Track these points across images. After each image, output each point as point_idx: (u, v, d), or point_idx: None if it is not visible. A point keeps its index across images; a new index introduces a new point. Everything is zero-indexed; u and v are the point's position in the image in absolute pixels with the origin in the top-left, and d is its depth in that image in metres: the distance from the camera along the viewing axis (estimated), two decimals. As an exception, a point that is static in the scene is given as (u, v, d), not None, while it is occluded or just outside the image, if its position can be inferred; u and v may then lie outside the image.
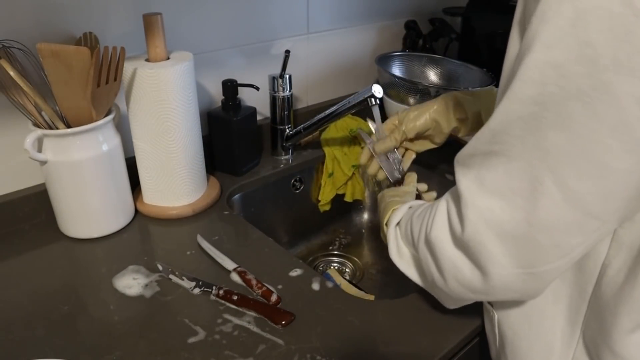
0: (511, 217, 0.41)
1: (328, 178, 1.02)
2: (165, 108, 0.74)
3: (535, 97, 0.37)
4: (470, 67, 1.14)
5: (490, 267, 0.44)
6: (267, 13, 0.97)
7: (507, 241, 0.42)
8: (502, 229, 0.42)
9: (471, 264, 0.46)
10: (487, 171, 0.43)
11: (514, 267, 0.43)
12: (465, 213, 0.44)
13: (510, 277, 0.44)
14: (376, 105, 0.79)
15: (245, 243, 0.76)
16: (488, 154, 0.42)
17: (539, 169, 0.39)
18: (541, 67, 0.37)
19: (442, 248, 0.49)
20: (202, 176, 0.85)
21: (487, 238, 0.43)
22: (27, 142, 0.67)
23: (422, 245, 0.53)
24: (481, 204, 0.43)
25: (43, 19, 0.72)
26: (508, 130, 0.40)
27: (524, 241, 0.42)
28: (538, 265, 0.42)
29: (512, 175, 0.41)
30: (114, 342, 0.58)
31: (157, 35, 0.73)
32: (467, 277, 0.47)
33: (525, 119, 0.39)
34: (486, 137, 0.43)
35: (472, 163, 0.44)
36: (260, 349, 0.57)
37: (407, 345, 0.58)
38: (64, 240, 0.75)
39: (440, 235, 0.49)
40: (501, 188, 0.42)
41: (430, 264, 0.52)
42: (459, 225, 0.46)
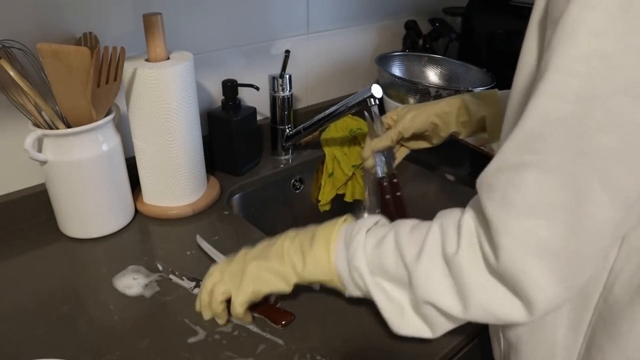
0: (552, 233, 0.38)
1: (328, 178, 1.02)
2: (165, 108, 0.74)
3: (580, 92, 0.34)
4: (470, 67, 1.14)
5: (534, 294, 0.40)
6: (267, 13, 0.97)
7: (549, 259, 0.39)
8: (544, 248, 0.39)
9: (512, 295, 0.42)
10: (515, 190, 0.39)
11: (555, 285, 0.40)
12: (497, 241, 0.40)
13: (553, 297, 0.40)
14: (376, 106, 0.79)
15: (245, 243, 0.76)
16: (516, 169, 0.39)
17: (583, 177, 0.36)
18: (587, 57, 0.34)
19: (476, 276, 0.43)
20: (202, 176, 0.85)
21: (527, 263, 0.39)
22: (27, 142, 0.67)
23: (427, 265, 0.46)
24: (514, 228, 0.39)
25: (43, 19, 0.72)
26: (546, 135, 0.36)
27: (568, 255, 0.39)
28: (580, 276, 0.40)
29: (548, 189, 0.37)
30: (114, 342, 0.58)
31: (157, 35, 0.73)
32: (504, 309, 0.43)
33: (566, 120, 0.35)
34: (519, 143, 0.38)
35: (496, 183, 0.41)
36: (260, 349, 0.57)
37: (407, 345, 0.58)
38: (64, 240, 0.75)
39: (473, 260, 0.44)
40: (536, 205, 0.38)
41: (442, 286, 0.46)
42: (492, 255, 0.42)
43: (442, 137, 0.78)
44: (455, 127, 0.77)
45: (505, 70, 1.10)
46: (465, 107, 0.75)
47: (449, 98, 0.78)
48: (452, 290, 0.46)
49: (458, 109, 0.76)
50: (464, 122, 0.76)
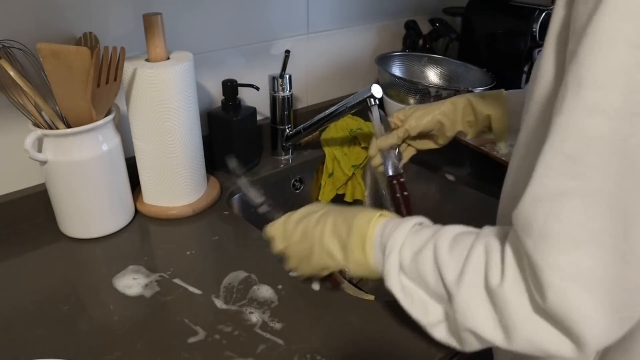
0: (600, 261, 0.35)
1: (328, 178, 1.02)
2: (165, 108, 0.74)
3: (621, 107, 0.32)
4: (470, 67, 1.14)
5: (585, 331, 0.37)
6: (267, 13, 0.97)
7: (600, 291, 0.36)
8: (592, 278, 0.36)
9: (560, 333, 0.39)
10: (556, 222, 0.36)
11: (607, 317, 0.37)
12: (543, 278, 0.37)
13: (605, 330, 0.37)
14: (376, 106, 0.79)
15: (245, 243, 0.76)
16: (556, 198, 0.36)
17: (629, 199, 0.34)
18: (627, 70, 0.32)
19: (521, 312, 0.40)
20: (202, 176, 0.85)
21: (577, 298, 0.36)
22: (27, 142, 0.67)
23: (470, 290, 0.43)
24: (559, 263, 0.36)
25: (43, 19, 0.72)
26: (588, 157, 0.34)
27: (617, 284, 0.36)
28: (634, 306, 0.37)
29: (592, 215, 0.35)
30: (114, 342, 0.58)
31: (157, 35, 0.73)
32: (552, 346, 0.40)
33: (608, 138, 0.33)
34: (558, 167, 0.36)
35: (534, 216, 0.38)
36: (260, 349, 0.57)
37: (407, 345, 0.58)
38: (64, 240, 0.75)
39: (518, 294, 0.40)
40: (580, 235, 0.35)
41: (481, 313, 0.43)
42: (537, 294, 0.39)
43: (449, 136, 0.78)
44: (461, 126, 0.77)
45: (505, 70, 1.11)
46: (471, 106, 0.76)
47: (455, 97, 0.78)
48: (495, 321, 0.43)
49: (464, 108, 0.76)
50: (469, 121, 0.76)
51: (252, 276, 0.68)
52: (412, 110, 0.79)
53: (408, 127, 0.77)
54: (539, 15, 1.05)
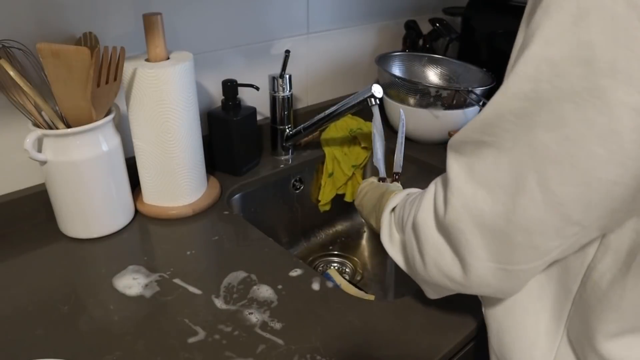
0: (492, 209, 0.41)
1: (328, 178, 1.02)
2: (165, 108, 0.74)
3: (528, 92, 0.37)
4: (470, 67, 1.14)
5: (468, 256, 0.44)
6: (267, 13, 0.97)
7: (486, 233, 0.42)
8: (482, 220, 0.42)
9: (452, 252, 0.46)
10: (477, 159, 0.42)
11: (490, 260, 0.43)
12: (449, 198, 0.44)
13: (486, 269, 0.43)
14: (376, 105, 0.79)
15: (245, 243, 0.76)
16: (479, 143, 0.42)
17: (525, 166, 0.38)
18: (537, 62, 0.36)
19: (426, 231, 0.48)
20: (202, 176, 0.85)
21: (468, 226, 0.43)
22: (27, 142, 0.67)
23: (408, 229, 0.53)
24: (467, 191, 0.43)
25: (43, 19, 0.72)
26: (499, 123, 0.39)
27: (501, 236, 0.41)
28: (514, 263, 0.42)
29: (500, 167, 0.40)
30: (114, 342, 0.58)
31: (157, 35, 0.73)
32: (447, 264, 0.47)
33: (517, 113, 0.38)
34: (477, 126, 0.42)
35: (464, 150, 0.44)
36: (260, 349, 0.57)
37: (407, 345, 0.58)
38: (64, 240, 0.75)
39: (426, 217, 0.48)
40: (488, 179, 0.41)
41: (414, 247, 0.51)
42: (442, 209, 0.46)
43: None
44: None
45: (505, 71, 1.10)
46: None
47: None
48: (417, 250, 0.51)
49: None
50: None
51: (252, 276, 0.68)
52: None
53: None
54: (539, 15, 1.05)
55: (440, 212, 0.46)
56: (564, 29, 0.34)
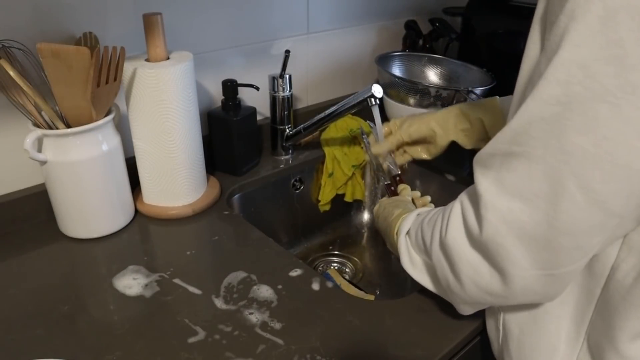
0: (532, 219, 0.41)
1: (328, 178, 1.02)
2: (165, 108, 0.74)
3: (560, 97, 0.37)
4: (470, 67, 1.14)
5: (510, 269, 0.43)
6: (267, 13, 0.97)
7: (528, 243, 0.42)
8: (523, 230, 0.42)
9: (490, 267, 0.45)
10: (507, 172, 0.42)
11: (534, 268, 0.43)
12: (484, 214, 0.44)
13: (530, 279, 0.43)
14: (376, 105, 0.79)
15: (245, 243, 0.76)
16: (508, 155, 0.42)
17: (561, 172, 0.38)
18: (568, 66, 0.36)
19: (459, 251, 0.48)
20: (202, 176, 0.85)
21: (508, 239, 0.42)
22: (27, 142, 0.67)
23: (436, 250, 0.52)
24: (501, 205, 0.42)
25: (43, 19, 0.72)
26: (529, 131, 0.39)
27: (545, 243, 0.41)
28: (559, 267, 0.42)
29: (533, 177, 0.40)
30: (114, 342, 0.58)
31: (157, 35, 0.73)
32: (486, 280, 0.46)
33: (548, 119, 0.38)
34: (507, 137, 0.42)
35: (492, 163, 0.44)
36: (260, 349, 0.57)
37: (407, 345, 0.58)
38: (64, 240, 0.75)
39: (457, 237, 0.48)
40: (522, 190, 0.41)
41: (445, 268, 0.51)
42: (476, 227, 0.45)
43: (441, 145, 0.80)
44: (454, 135, 0.78)
45: (506, 70, 1.10)
46: (463, 114, 0.77)
47: (448, 107, 0.80)
48: (449, 270, 0.50)
49: (456, 116, 0.78)
50: (464, 129, 0.78)
51: (252, 276, 0.68)
52: (406, 118, 0.81)
53: (401, 133, 0.80)
54: (539, 15, 1.05)
55: (474, 230, 0.46)
56: (592, 30, 0.35)
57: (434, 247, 0.52)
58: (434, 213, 0.56)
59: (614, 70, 0.34)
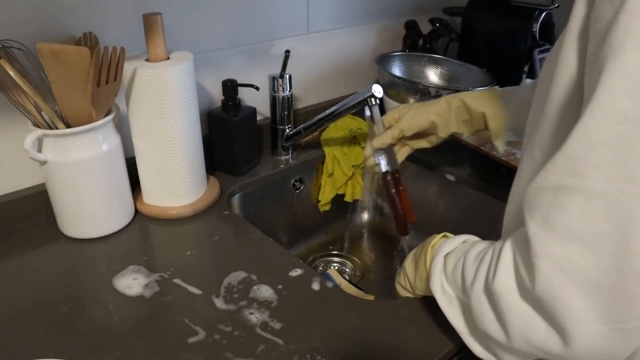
0: (596, 265, 0.35)
1: (328, 178, 1.02)
2: (165, 108, 0.74)
3: (627, 111, 0.32)
4: (470, 67, 1.14)
5: (572, 326, 0.37)
6: (267, 13, 0.97)
7: (592, 293, 0.36)
8: (586, 279, 0.35)
9: (547, 324, 0.39)
10: (558, 212, 0.36)
11: (601, 323, 0.36)
12: (535, 263, 0.38)
13: (597, 335, 0.37)
14: (376, 105, 0.79)
15: (245, 243, 0.76)
16: (560, 190, 0.36)
17: (629, 206, 0.33)
18: (637, 73, 0.31)
19: (509, 301, 0.41)
20: (202, 176, 0.85)
21: (567, 291, 0.36)
22: (27, 142, 0.67)
23: (478, 293, 0.46)
24: (555, 251, 0.36)
25: (43, 19, 0.72)
26: (589, 158, 0.34)
27: (613, 292, 0.35)
28: (631, 319, 0.36)
29: (593, 216, 0.34)
30: (114, 342, 0.58)
31: (157, 35, 0.73)
32: (541, 338, 0.40)
33: (613, 142, 0.32)
34: (560, 166, 0.36)
35: (540, 201, 0.38)
36: (260, 349, 0.57)
37: (407, 345, 0.58)
38: (64, 240, 0.75)
39: (507, 285, 0.42)
40: (579, 232, 0.35)
41: (487, 315, 0.45)
42: (528, 278, 0.39)
43: (442, 137, 0.78)
44: (455, 126, 0.77)
45: (505, 71, 1.10)
46: (464, 105, 0.75)
47: (449, 96, 0.78)
48: (494, 318, 0.44)
49: (457, 108, 0.76)
50: (465, 120, 0.76)
51: (252, 276, 0.68)
52: (406, 110, 0.78)
53: (402, 126, 0.77)
54: (539, 15, 1.05)
55: (526, 281, 0.40)
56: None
57: (475, 289, 0.46)
58: (482, 248, 0.48)
59: None
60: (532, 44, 1.08)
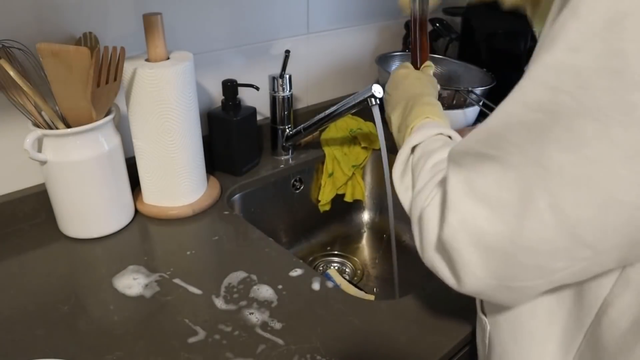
0: (495, 230, 0.38)
1: (328, 178, 1.02)
2: (165, 108, 0.74)
3: (545, 103, 0.33)
4: (470, 67, 1.14)
5: (464, 275, 0.41)
6: (267, 13, 0.97)
7: (487, 254, 0.39)
8: (483, 241, 0.39)
9: (446, 265, 0.44)
10: (477, 175, 0.39)
11: (490, 278, 0.40)
12: (447, 214, 0.41)
13: (485, 287, 0.41)
14: (376, 105, 0.79)
15: (245, 243, 0.76)
16: (482, 156, 0.38)
17: (534, 186, 0.35)
18: (559, 70, 0.32)
19: (429, 230, 0.45)
20: (202, 176, 0.85)
21: (465, 246, 0.40)
22: (27, 142, 0.67)
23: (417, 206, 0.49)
24: (465, 208, 0.39)
25: (43, 19, 0.72)
26: (507, 136, 0.36)
27: (505, 257, 0.38)
28: (515, 281, 0.40)
29: (504, 185, 0.37)
30: (114, 342, 0.58)
31: (157, 35, 0.73)
32: (443, 274, 0.45)
33: (529, 126, 0.34)
34: (482, 137, 0.38)
35: (464, 162, 0.40)
36: (260, 349, 0.57)
37: (407, 345, 0.58)
38: (64, 240, 0.75)
39: (433, 216, 0.45)
40: (490, 196, 0.38)
41: (415, 227, 0.49)
42: (439, 222, 0.43)
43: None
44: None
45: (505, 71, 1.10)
46: None
47: None
48: (418, 233, 0.48)
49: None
50: None
51: (252, 276, 0.68)
52: None
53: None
54: (539, 15, 1.05)
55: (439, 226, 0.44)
56: (593, 33, 0.30)
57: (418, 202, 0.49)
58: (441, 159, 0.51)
59: (610, 84, 0.30)
60: (532, 44, 1.08)
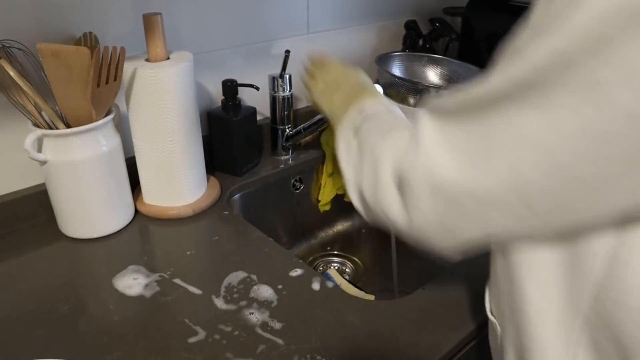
0: (456, 179, 0.39)
1: (328, 178, 1.02)
2: (165, 108, 0.74)
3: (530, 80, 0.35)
4: (470, 67, 1.14)
5: (412, 211, 0.43)
6: (267, 13, 0.97)
7: (438, 198, 0.41)
8: (440, 186, 0.41)
9: (401, 201, 0.45)
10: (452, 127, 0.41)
11: (434, 216, 0.42)
12: (415, 155, 0.43)
13: (429, 225, 0.43)
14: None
15: (245, 243, 0.76)
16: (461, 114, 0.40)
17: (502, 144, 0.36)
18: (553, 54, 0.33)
19: (384, 170, 0.47)
20: (202, 176, 0.85)
21: (421, 186, 0.42)
22: (27, 142, 0.67)
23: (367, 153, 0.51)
24: (433, 151, 0.41)
25: (43, 18, 0.72)
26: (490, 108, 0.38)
27: (452, 201, 0.40)
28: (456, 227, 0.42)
29: (472, 139, 0.38)
30: (114, 342, 0.58)
31: (157, 35, 0.73)
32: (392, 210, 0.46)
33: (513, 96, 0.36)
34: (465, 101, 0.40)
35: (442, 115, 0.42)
36: (260, 349, 0.57)
37: (407, 345, 0.58)
38: (64, 240, 0.75)
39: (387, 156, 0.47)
40: (458, 147, 0.39)
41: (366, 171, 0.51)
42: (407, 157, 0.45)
43: None
44: None
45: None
46: None
47: None
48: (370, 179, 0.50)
49: None
50: None
51: (252, 276, 0.68)
52: None
53: None
54: (539, 15, 1.05)
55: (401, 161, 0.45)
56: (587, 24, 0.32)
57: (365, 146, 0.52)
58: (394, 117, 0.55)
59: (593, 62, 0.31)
60: (532, 44, 1.08)
